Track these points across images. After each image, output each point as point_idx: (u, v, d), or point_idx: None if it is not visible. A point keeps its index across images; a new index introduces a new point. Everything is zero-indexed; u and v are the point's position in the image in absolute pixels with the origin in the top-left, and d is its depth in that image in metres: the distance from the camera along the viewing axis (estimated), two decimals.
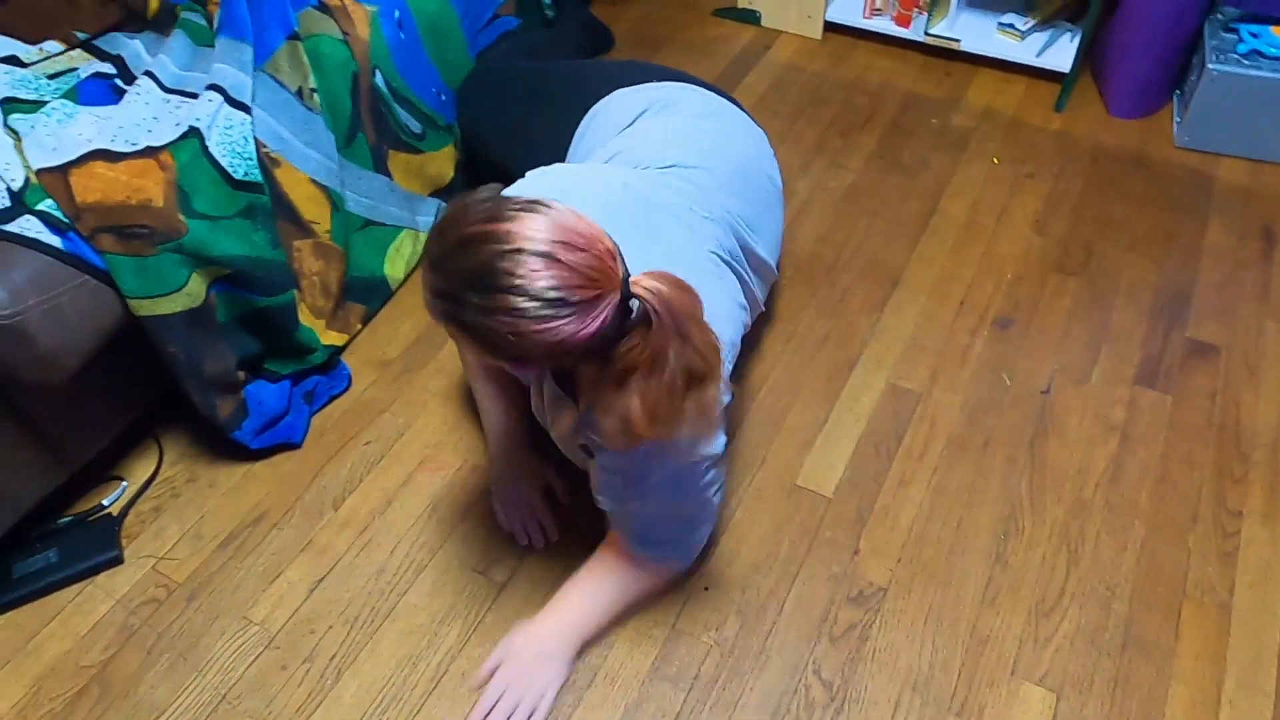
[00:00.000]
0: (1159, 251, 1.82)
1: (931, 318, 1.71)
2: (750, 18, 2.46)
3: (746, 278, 1.30)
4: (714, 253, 1.21)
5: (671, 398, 0.93)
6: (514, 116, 1.65)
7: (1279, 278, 1.76)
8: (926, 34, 2.27)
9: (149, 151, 1.29)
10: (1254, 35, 1.95)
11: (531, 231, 0.87)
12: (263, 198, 1.39)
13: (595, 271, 0.88)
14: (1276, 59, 1.90)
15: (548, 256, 0.86)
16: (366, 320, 1.72)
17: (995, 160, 2.03)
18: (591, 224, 0.91)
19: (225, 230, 1.33)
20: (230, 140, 1.36)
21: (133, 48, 1.49)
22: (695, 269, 1.15)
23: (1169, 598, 1.32)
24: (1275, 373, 1.60)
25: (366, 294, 1.70)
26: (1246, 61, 1.91)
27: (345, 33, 1.55)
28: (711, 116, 1.42)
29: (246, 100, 1.39)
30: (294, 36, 1.47)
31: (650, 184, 1.22)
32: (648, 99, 1.42)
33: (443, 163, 1.80)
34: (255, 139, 1.40)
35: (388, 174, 1.70)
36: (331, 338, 1.61)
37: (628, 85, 1.47)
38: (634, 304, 0.92)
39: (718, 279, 1.20)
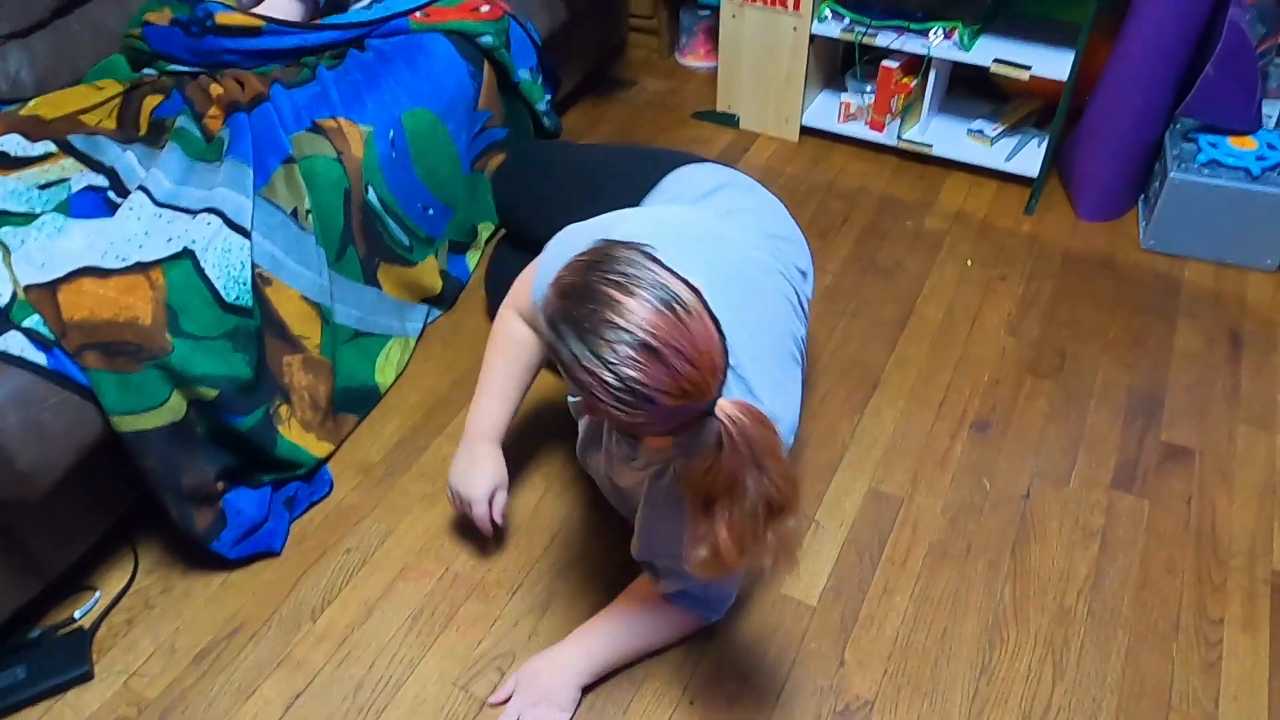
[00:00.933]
0: (1130, 354, 1.86)
1: (911, 420, 1.74)
2: (729, 121, 2.53)
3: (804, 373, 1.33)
4: (796, 346, 1.23)
5: (755, 526, 0.95)
6: (561, 193, 1.63)
7: (1248, 381, 1.80)
8: (899, 139, 2.35)
9: (139, 268, 1.31)
10: (1212, 145, 2.03)
11: (648, 324, 0.88)
12: (250, 321, 1.41)
13: (691, 385, 0.89)
14: (1234, 169, 1.98)
15: (648, 350, 0.87)
16: (355, 428, 1.72)
17: (969, 263, 2.09)
18: (712, 337, 0.92)
19: (207, 350, 1.34)
20: (227, 263, 1.38)
21: (126, 160, 1.52)
22: (779, 365, 1.17)
23: (1155, 710, 1.32)
24: (1247, 476, 1.63)
25: (358, 404, 1.71)
26: (1206, 170, 1.99)
27: (339, 151, 1.59)
28: (778, 206, 1.48)
29: (246, 224, 1.42)
30: (289, 159, 1.51)
31: (762, 250, 1.26)
32: (727, 174, 1.47)
33: (430, 274, 1.83)
34: (252, 262, 1.42)
35: (378, 285, 1.72)
36: (322, 449, 1.61)
37: (685, 164, 1.50)
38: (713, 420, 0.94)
39: (793, 383, 1.19)
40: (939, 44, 2.17)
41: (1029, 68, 2.10)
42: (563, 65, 2.48)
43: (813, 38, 2.31)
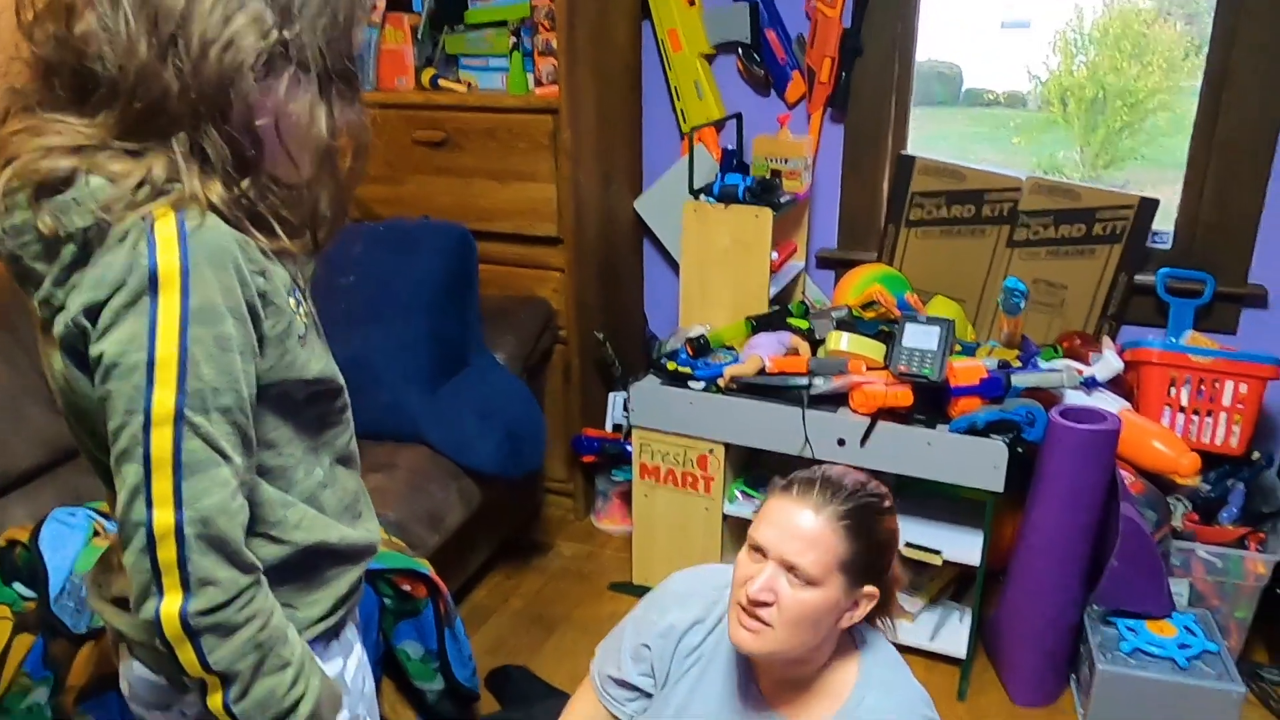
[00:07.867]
0: None
1: None
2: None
3: None
4: None
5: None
6: None
7: None
8: None
9: None
10: (1132, 631, 2.00)
11: None
12: None
13: None
14: (1161, 659, 1.93)
15: None
16: None
17: None
18: None
19: None
20: None
21: None
22: None
23: None
24: None
25: None
26: (1133, 661, 1.94)
27: None
28: None
29: None
30: None
31: None
32: None
33: None
34: None
35: None
36: None
37: None
38: None
39: None
40: None
41: (939, 552, 2.11)
42: (476, 539, 2.43)
43: (726, 516, 2.33)
